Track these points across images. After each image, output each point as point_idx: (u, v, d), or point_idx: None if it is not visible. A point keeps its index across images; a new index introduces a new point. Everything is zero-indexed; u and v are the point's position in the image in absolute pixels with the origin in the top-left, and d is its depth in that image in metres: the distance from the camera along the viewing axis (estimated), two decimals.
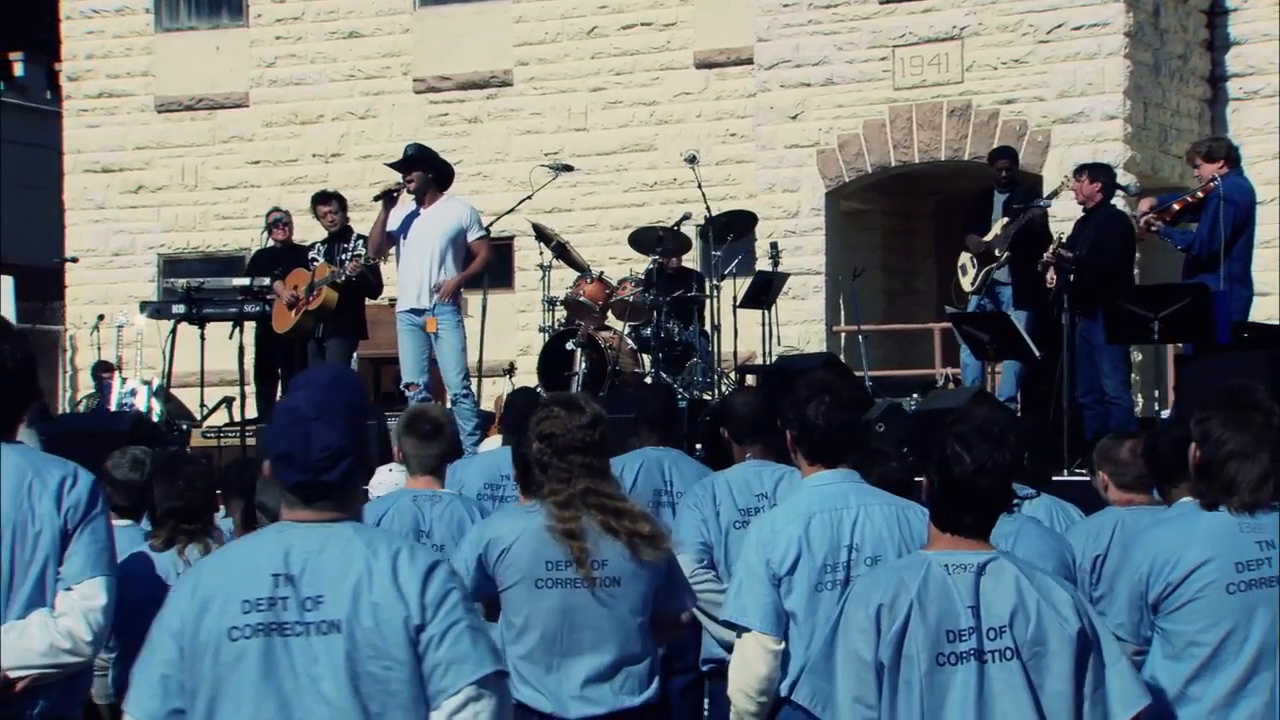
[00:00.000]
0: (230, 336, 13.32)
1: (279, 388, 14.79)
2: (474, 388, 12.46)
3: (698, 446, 10.84)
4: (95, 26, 24.06)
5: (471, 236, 11.87)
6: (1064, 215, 13.86)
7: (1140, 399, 16.58)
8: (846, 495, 5.58)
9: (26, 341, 5.13)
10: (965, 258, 14.14)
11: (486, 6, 22.48)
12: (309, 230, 15.59)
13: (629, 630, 5.51)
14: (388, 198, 11.85)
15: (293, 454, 3.84)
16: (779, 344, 15.91)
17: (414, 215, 11.88)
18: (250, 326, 14.30)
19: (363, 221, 13.60)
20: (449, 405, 12.02)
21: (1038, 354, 12.19)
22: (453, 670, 3.77)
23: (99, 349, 19.03)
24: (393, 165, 12.25)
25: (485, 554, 5.56)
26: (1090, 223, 12.28)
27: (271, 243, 15.06)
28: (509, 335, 20.58)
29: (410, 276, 11.81)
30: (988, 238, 13.93)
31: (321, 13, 22.98)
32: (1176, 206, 11.63)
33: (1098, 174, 12.34)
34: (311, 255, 13.39)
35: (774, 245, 16.46)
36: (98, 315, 20.21)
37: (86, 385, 20.51)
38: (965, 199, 15.50)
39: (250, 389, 14.48)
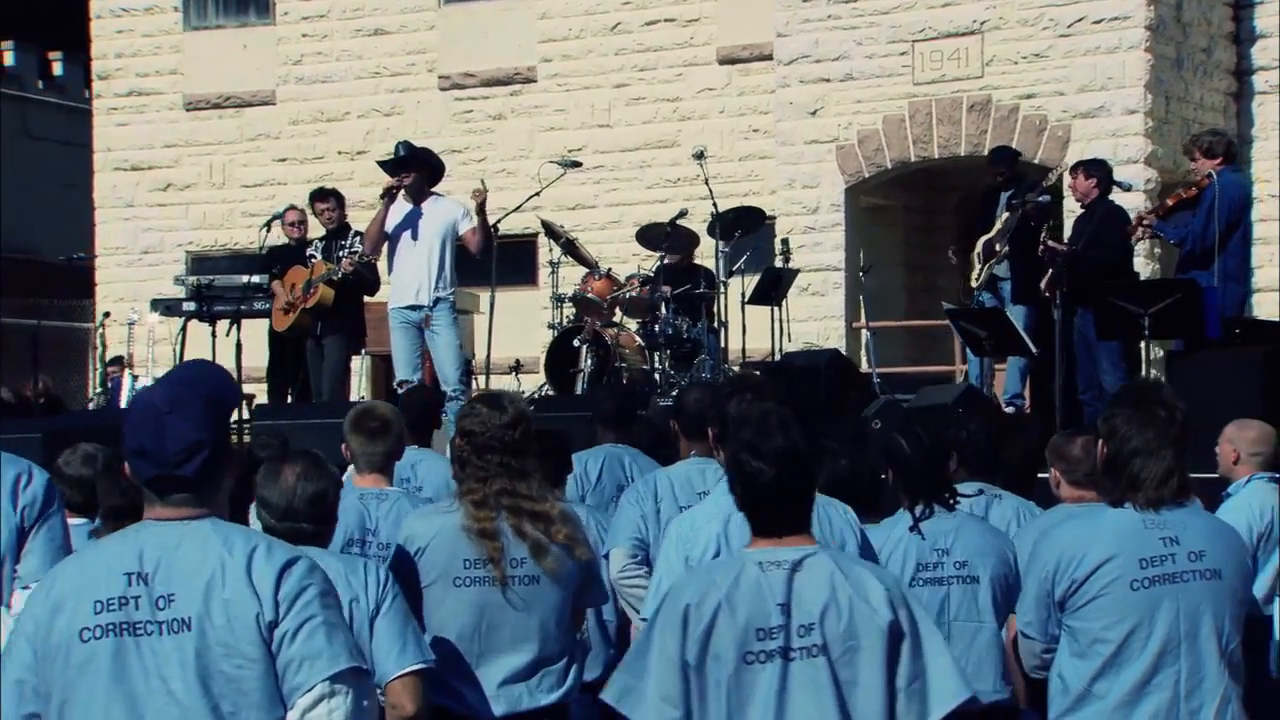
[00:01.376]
0: (228, 334, 13.35)
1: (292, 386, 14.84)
2: (474, 386, 12.51)
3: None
4: (125, 25, 24.22)
5: (463, 229, 11.93)
6: (1074, 209, 13.78)
7: None
8: None
9: None
10: (974, 254, 14.12)
11: (511, 3, 22.53)
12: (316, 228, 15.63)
13: (547, 630, 5.49)
14: (389, 195, 11.89)
15: (147, 448, 3.77)
16: (789, 340, 15.89)
17: (406, 213, 11.91)
18: (249, 325, 14.31)
19: (361, 220, 13.62)
20: (446, 403, 12.04)
21: (1034, 350, 12.13)
22: (306, 666, 3.70)
23: (130, 346, 19.15)
24: (386, 165, 12.26)
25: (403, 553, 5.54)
26: (1088, 218, 12.23)
27: (285, 240, 15.11)
28: (532, 332, 20.55)
29: (406, 274, 11.84)
30: (990, 234, 13.89)
31: (347, 10, 23.07)
32: (1170, 202, 11.57)
33: (1093, 170, 12.29)
34: (310, 252, 13.43)
35: (785, 241, 16.43)
36: (103, 313, 20.32)
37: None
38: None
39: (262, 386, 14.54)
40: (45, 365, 22.55)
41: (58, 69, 33.12)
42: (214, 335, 15.05)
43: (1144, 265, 14.82)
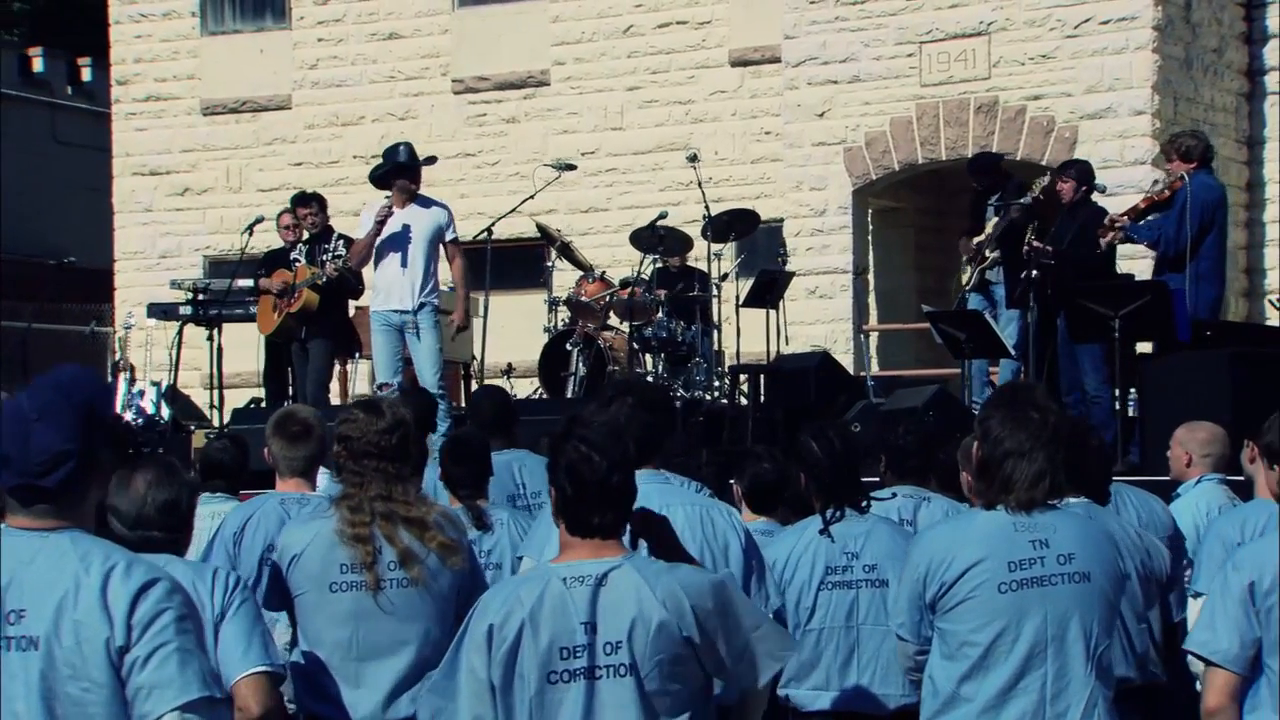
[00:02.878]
0: (208, 338, 13.42)
1: (289, 390, 14.89)
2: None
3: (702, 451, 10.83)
4: (143, 31, 24.34)
5: (448, 237, 11.95)
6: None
7: None
8: (649, 496, 5.36)
9: None
10: (964, 257, 14.10)
11: (524, 6, 22.53)
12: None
13: (428, 636, 5.45)
14: (385, 215, 11.88)
15: (11, 456, 3.68)
16: (787, 343, 15.85)
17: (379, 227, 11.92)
18: (249, 328, 14.38)
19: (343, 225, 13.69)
20: None
21: (1013, 352, 12.10)
22: (155, 695, 3.62)
23: (126, 350, 19.24)
24: (378, 182, 12.23)
25: (279, 561, 5.52)
26: (1071, 219, 12.18)
27: (282, 243, 15.16)
28: (537, 335, 20.61)
29: (389, 277, 11.86)
30: (980, 238, 13.85)
31: (362, 14, 23.12)
32: (1142, 204, 11.51)
33: (1070, 170, 12.26)
34: (293, 256, 13.48)
35: (782, 244, 16.39)
36: (92, 319, 20.40)
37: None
38: None
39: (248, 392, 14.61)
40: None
41: (86, 75, 33.32)
42: (210, 339, 15.16)
43: (1133, 266, 14.68)
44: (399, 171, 12.01)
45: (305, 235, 13.91)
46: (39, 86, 33.70)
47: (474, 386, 16.19)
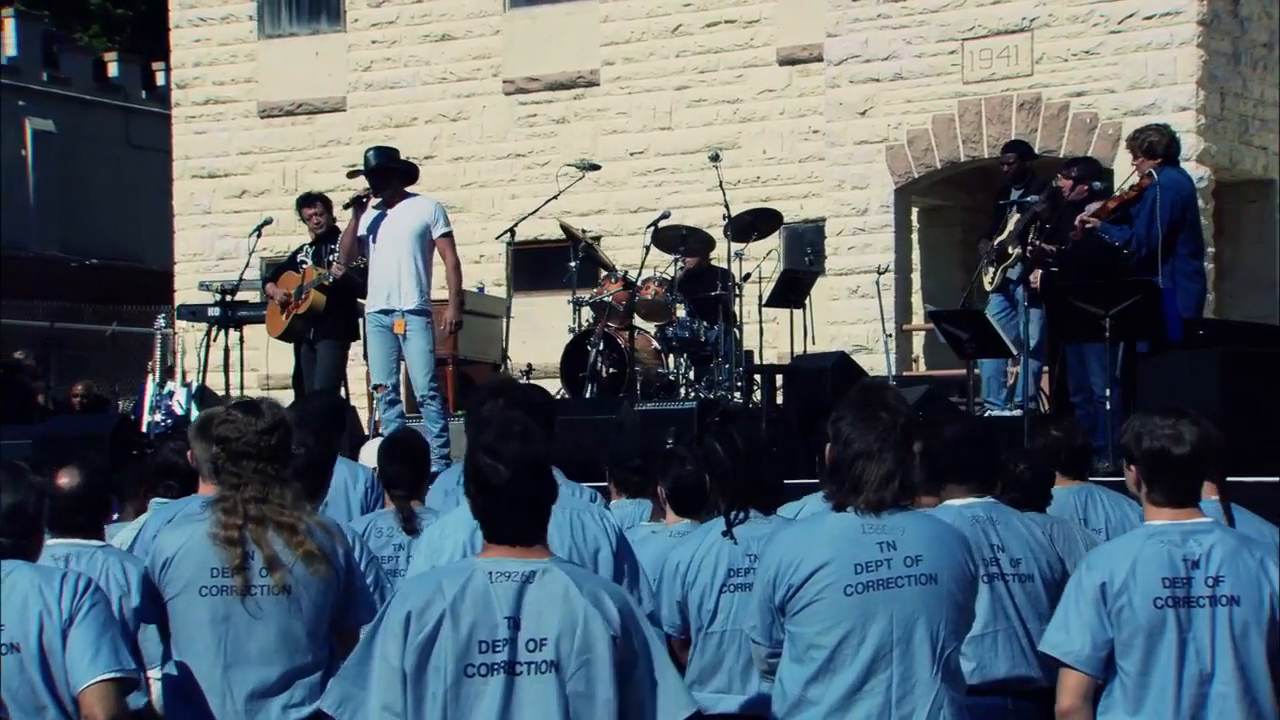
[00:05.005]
0: (215, 338, 13.52)
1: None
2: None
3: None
4: (202, 35, 24.59)
5: (436, 233, 11.84)
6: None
7: None
8: None
9: None
10: (986, 257, 13.98)
11: (574, 7, 22.56)
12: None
13: (297, 643, 5.41)
14: (358, 205, 11.91)
15: None
16: (813, 343, 15.78)
17: (382, 216, 11.94)
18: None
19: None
20: (419, 408, 12.07)
21: (1015, 352, 11.99)
22: None
23: (156, 352, 19.43)
24: (358, 174, 12.27)
25: (151, 566, 5.51)
26: (1076, 218, 12.02)
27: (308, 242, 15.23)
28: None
29: (379, 277, 11.86)
30: (1001, 236, 13.73)
31: (415, 16, 23.24)
32: (1111, 204, 11.33)
33: (1073, 168, 12.12)
34: (300, 258, 13.54)
35: (811, 245, 16.33)
36: (112, 321, 20.61)
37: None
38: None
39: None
40: (127, 370, 23.02)
41: (160, 79, 33.73)
42: (241, 341, 15.29)
43: None
44: (387, 174, 12.02)
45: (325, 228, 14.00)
46: (114, 91, 34.18)
47: None
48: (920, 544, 4.94)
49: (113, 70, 34.62)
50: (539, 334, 19.24)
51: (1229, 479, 8.03)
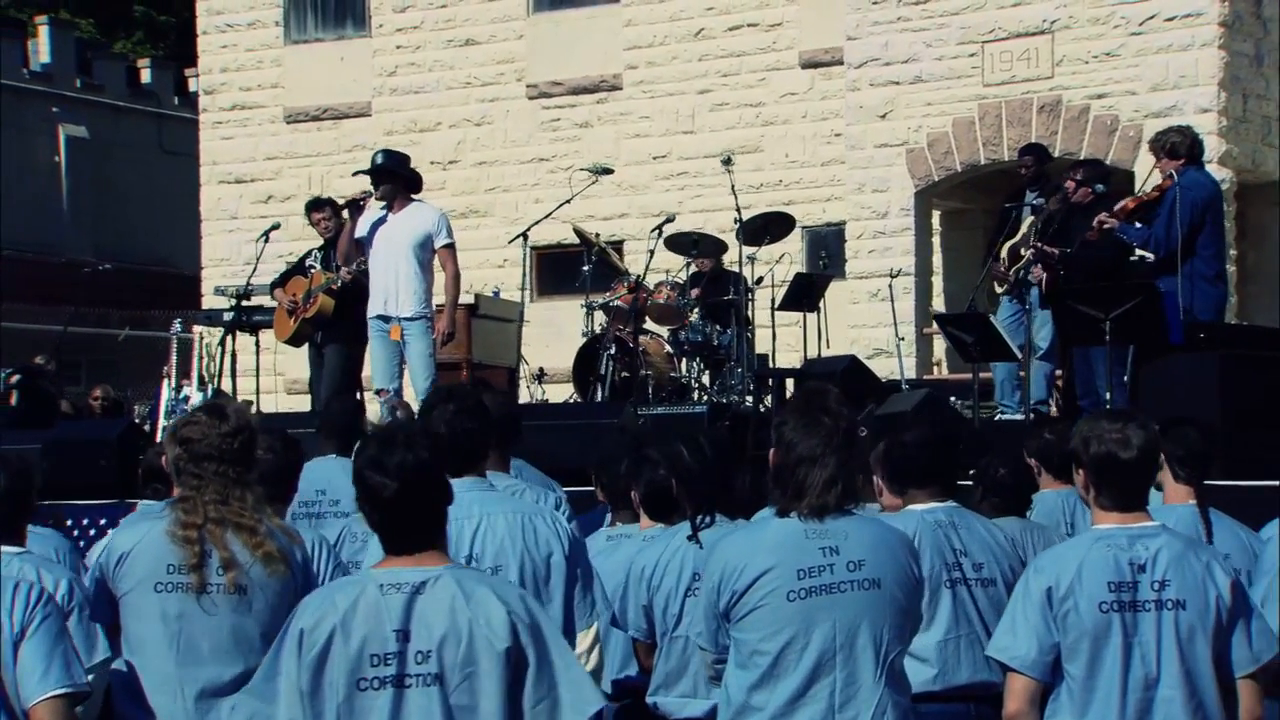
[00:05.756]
0: (220, 343, 13.56)
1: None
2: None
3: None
4: (229, 40, 24.73)
5: (438, 243, 11.85)
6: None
7: None
8: (471, 505, 5.51)
9: None
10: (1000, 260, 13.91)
11: (597, 11, 22.61)
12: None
13: (251, 644, 5.39)
14: (354, 206, 11.96)
15: None
16: (828, 346, 15.74)
17: (381, 221, 11.96)
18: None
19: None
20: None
21: (1019, 355, 11.95)
22: None
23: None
24: (363, 173, 12.32)
25: (105, 562, 5.49)
26: (1083, 220, 12.01)
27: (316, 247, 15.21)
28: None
29: (379, 282, 11.89)
30: (1014, 239, 13.66)
31: (439, 21, 23.33)
32: (1130, 204, 11.28)
33: (1078, 170, 12.08)
34: (309, 263, 13.58)
35: (823, 249, 16.31)
36: (125, 326, 20.70)
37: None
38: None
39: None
40: (154, 375, 23.07)
41: (193, 85, 33.92)
42: (258, 345, 15.34)
43: None
44: (392, 177, 12.05)
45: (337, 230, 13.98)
46: (147, 97, 34.41)
47: (521, 391, 16.25)
48: (863, 549, 4.90)
49: (145, 76, 34.87)
50: (560, 338, 19.22)
51: (1237, 481, 8.01)
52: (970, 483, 7.51)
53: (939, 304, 20.07)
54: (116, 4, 41.02)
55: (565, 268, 20.51)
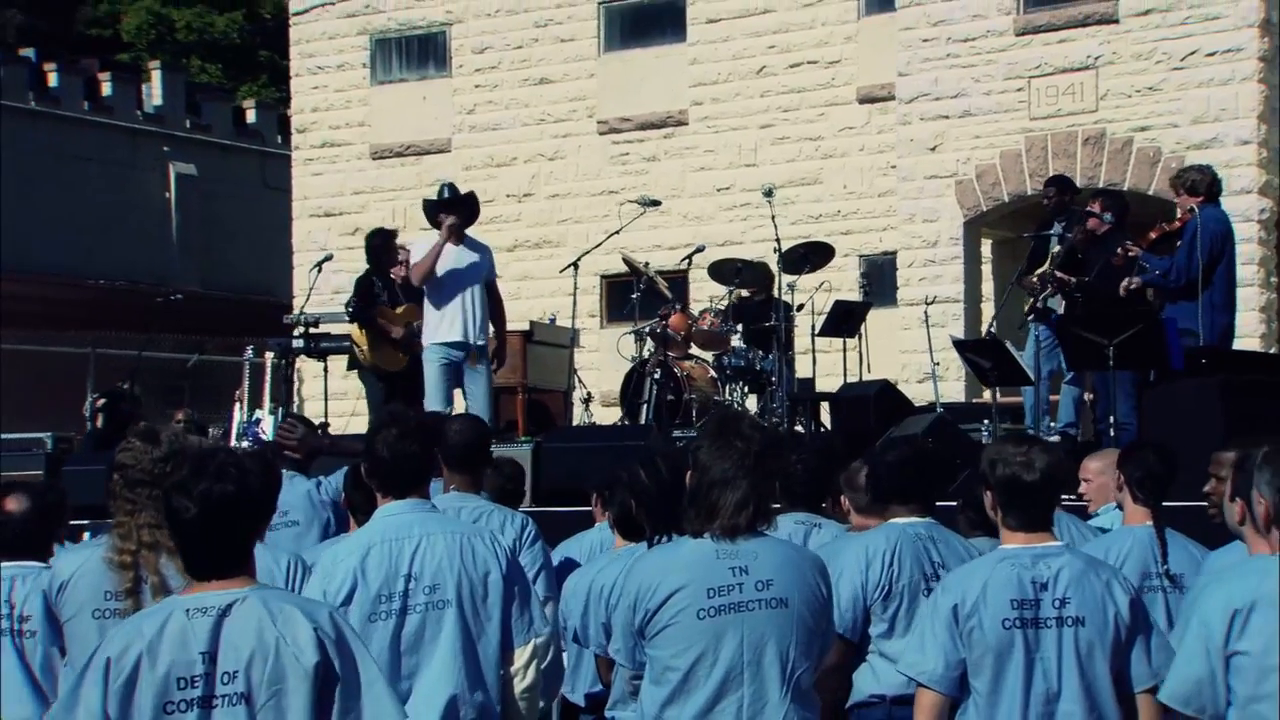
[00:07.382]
0: (277, 361, 14.24)
1: None
2: None
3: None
4: (320, 82, 25.82)
5: (494, 277, 12.67)
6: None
7: None
8: (411, 525, 5.68)
9: None
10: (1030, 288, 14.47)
11: (664, 50, 23.49)
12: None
13: None
14: (457, 236, 12.37)
15: None
16: (869, 372, 16.38)
17: (449, 251, 12.38)
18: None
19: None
20: None
21: (1034, 380, 12.43)
22: None
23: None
24: (440, 203, 12.73)
25: (49, 590, 5.67)
26: (1101, 250, 12.51)
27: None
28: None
29: (454, 311, 12.29)
30: (1042, 269, 14.22)
31: (515, 61, 24.31)
32: (1153, 235, 11.90)
33: (1099, 200, 12.64)
34: (375, 291, 13.93)
35: (866, 275, 16.96)
36: (195, 353, 21.54)
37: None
38: None
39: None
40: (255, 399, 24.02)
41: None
42: (325, 371, 16.18)
43: None
44: (444, 207, 12.60)
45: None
46: (251, 136, 35.75)
47: (573, 414, 16.98)
48: (772, 568, 5.07)
49: (250, 116, 36.20)
50: (623, 363, 19.99)
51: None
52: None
53: (996, 330, 20.60)
54: (242, 51, 42.63)
55: (609, 296, 21.39)
